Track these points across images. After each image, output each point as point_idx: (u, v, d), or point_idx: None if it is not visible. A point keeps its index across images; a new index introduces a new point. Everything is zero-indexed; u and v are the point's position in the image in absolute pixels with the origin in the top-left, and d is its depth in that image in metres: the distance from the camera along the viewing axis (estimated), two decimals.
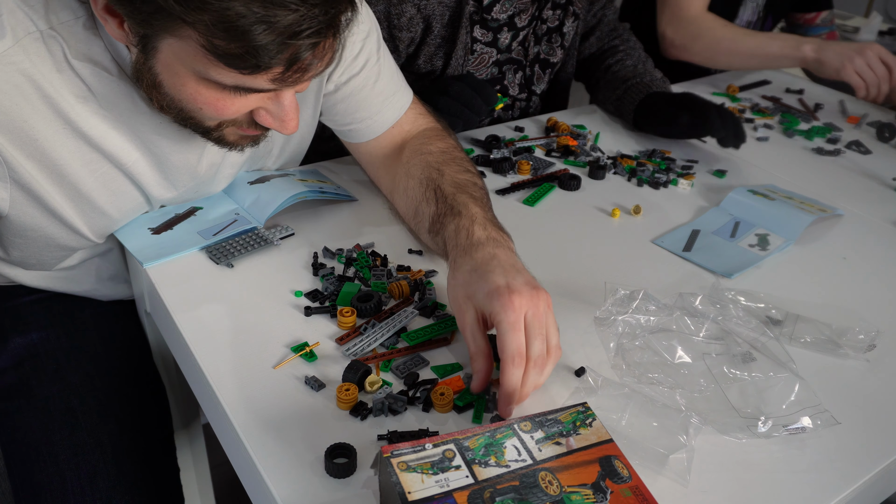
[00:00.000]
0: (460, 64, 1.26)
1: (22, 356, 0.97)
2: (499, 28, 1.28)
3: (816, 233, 1.08)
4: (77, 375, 0.96)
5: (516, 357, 0.70)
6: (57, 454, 0.89)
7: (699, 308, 0.85)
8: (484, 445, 0.61)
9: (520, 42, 1.32)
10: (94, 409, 0.93)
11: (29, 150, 0.79)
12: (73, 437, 0.91)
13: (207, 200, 1.03)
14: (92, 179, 0.85)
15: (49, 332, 1.00)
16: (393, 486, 0.57)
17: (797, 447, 0.73)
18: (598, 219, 1.09)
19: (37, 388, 0.94)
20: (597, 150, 1.28)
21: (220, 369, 0.77)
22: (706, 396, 0.76)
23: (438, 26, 1.21)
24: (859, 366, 0.84)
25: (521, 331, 0.71)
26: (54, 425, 0.91)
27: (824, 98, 1.63)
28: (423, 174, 0.95)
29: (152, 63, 0.73)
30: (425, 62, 1.25)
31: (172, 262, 0.92)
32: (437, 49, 1.24)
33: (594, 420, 0.65)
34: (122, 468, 0.90)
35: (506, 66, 1.34)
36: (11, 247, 0.92)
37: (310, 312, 0.85)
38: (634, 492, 0.59)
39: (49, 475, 0.88)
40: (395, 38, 1.21)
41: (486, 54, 1.29)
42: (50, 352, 0.98)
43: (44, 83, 0.77)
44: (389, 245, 0.98)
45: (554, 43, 1.38)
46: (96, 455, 0.90)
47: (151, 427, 0.99)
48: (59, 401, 0.93)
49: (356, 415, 0.72)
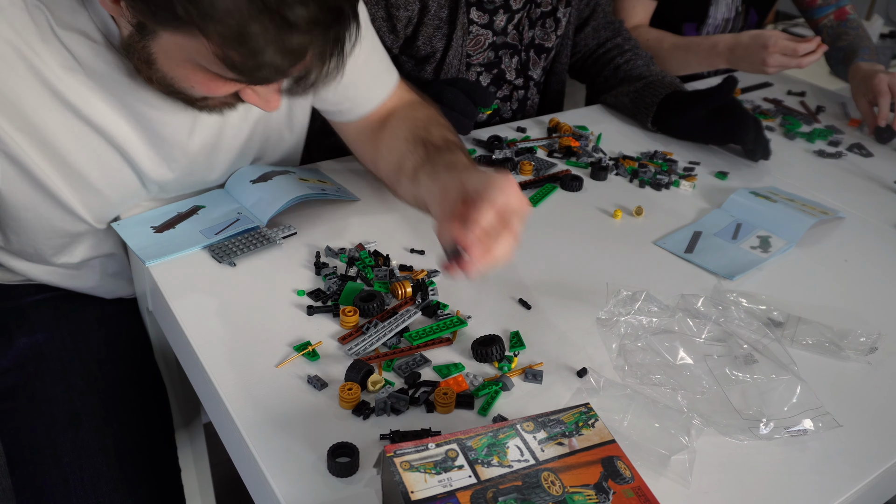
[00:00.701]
0: (460, 45, 1.26)
1: (26, 357, 0.97)
2: (495, 10, 1.28)
3: (818, 235, 1.08)
4: (81, 377, 0.96)
5: (494, 206, 0.71)
6: (60, 456, 0.89)
7: (701, 309, 0.85)
8: (487, 445, 0.61)
9: (514, 25, 1.32)
10: (98, 411, 0.93)
11: (18, 122, 0.79)
12: (76, 440, 0.90)
13: (210, 199, 1.03)
14: (83, 154, 0.85)
15: (54, 332, 0.99)
16: (396, 485, 0.57)
17: (799, 449, 0.73)
18: (600, 220, 1.09)
19: (40, 389, 0.94)
20: (599, 152, 1.28)
21: (223, 368, 0.77)
22: (708, 398, 0.76)
23: (435, 6, 1.22)
24: (861, 368, 0.84)
25: (512, 195, 0.72)
26: (58, 427, 0.91)
27: (826, 100, 1.63)
28: (409, 134, 0.96)
29: (148, 43, 0.73)
30: (424, 43, 1.25)
31: (175, 261, 0.92)
32: (436, 30, 1.24)
33: (596, 421, 0.65)
34: (125, 470, 0.90)
35: (502, 50, 1.34)
36: (10, 232, 0.91)
37: (312, 312, 0.85)
38: (637, 492, 0.59)
39: (52, 477, 0.88)
40: (393, 17, 1.21)
41: (481, 36, 1.29)
42: (54, 352, 0.97)
43: (29, 53, 0.76)
44: (392, 245, 0.98)
45: (548, 28, 1.38)
46: (100, 458, 0.90)
47: (154, 428, 0.99)
48: (63, 403, 0.93)
49: (358, 414, 0.72)
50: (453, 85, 1.15)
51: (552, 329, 0.86)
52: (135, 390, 0.99)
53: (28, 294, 1.03)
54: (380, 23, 1.21)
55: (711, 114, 1.27)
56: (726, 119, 1.25)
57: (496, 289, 0.92)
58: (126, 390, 0.98)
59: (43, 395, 0.94)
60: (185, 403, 1.14)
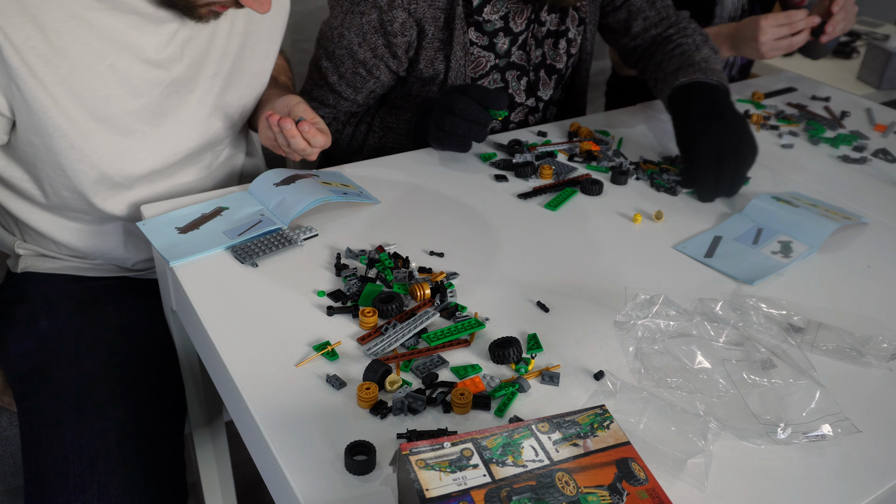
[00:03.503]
0: (461, 66, 1.26)
1: (46, 339, 1.02)
2: (494, 32, 1.28)
3: (841, 241, 1.07)
4: (93, 362, 0.99)
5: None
6: (63, 437, 0.93)
7: (720, 314, 0.85)
8: (501, 445, 0.61)
9: (519, 46, 1.32)
10: (105, 396, 0.96)
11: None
12: (80, 422, 0.94)
13: (233, 200, 1.04)
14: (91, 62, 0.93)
15: (74, 320, 1.04)
16: (411, 483, 0.58)
17: (817, 455, 0.72)
18: (620, 224, 1.09)
19: (55, 371, 0.98)
20: (619, 156, 1.29)
21: (244, 366, 0.78)
22: (725, 402, 0.76)
23: (433, 29, 1.22)
24: (882, 375, 0.83)
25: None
26: (65, 408, 0.94)
27: (851, 106, 1.61)
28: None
29: None
30: (426, 66, 1.26)
31: (198, 261, 0.94)
32: (437, 53, 1.25)
33: (612, 422, 0.65)
34: (123, 456, 0.93)
35: (508, 72, 1.34)
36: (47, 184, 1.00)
37: (332, 312, 0.86)
38: (651, 494, 0.59)
39: (55, 456, 0.91)
40: (392, 45, 1.22)
41: (482, 58, 1.29)
42: (72, 338, 1.02)
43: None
44: (411, 247, 0.99)
45: (560, 49, 1.38)
46: (99, 440, 0.93)
47: (160, 420, 1.01)
48: (73, 385, 0.97)
49: (376, 413, 0.73)
50: (464, 93, 1.15)
51: (570, 332, 0.86)
52: (146, 382, 1.02)
53: (57, 285, 1.08)
54: (381, 51, 1.22)
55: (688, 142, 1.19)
56: (689, 157, 1.18)
57: (514, 291, 0.92)
58: (137, 381, 1.01)
59: (56, 377, 0.98)
60: (207, 403, 1.16)
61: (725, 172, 1.13)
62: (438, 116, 1.16)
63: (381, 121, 1.33)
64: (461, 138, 1.17)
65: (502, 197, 1.14)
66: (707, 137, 1.15)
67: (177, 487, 0.99)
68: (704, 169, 1.14)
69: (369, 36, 1.21)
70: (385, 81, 1.29)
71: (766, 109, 1.55)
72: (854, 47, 2.33)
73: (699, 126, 1.17)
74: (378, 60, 1.24)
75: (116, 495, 0.90)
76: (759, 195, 1.14)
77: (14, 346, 1.04)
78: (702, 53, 1.30)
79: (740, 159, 1.13)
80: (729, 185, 1.14)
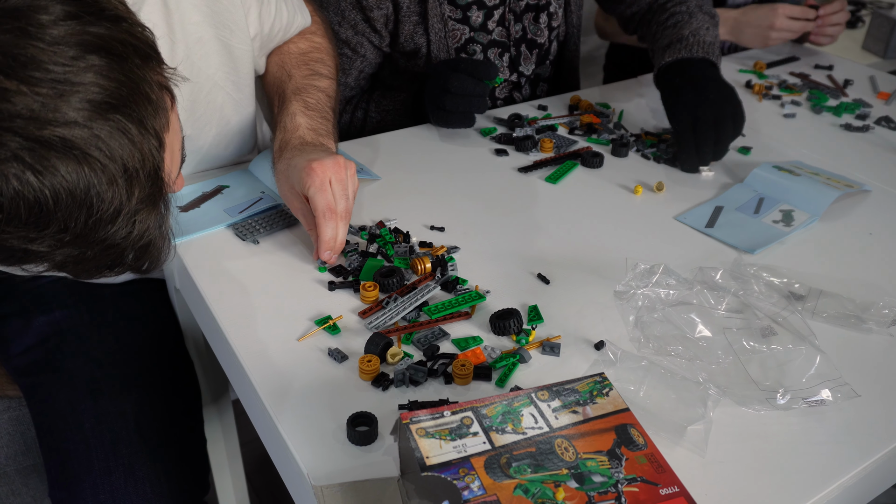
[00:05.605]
0: (441, 38, 1.27)
1: (47, 333, 1.01)
2: (468, 6, 1.28)
3: (843, 209, 1.07)
4: (99, 349, 1.00)
5: (326, 212, 0.86)
6: (82, 422, 0.93)
7: (720, 283, 0.85)
8: (501, 413, 0.62)
9: (497, 21, 1.31)
10: (118, 379, 0.97)
11: None
12: (96, 407, 0.94)
13: (234, 179, 1.05)
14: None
15: (71, 309, 1.03)
16: (412, 451, 0.58)
17: (816, 419, 0.73)
18: (621, 196, 1.09)
19: (62, 361, 0.98)
20: (620, 128, 1.28)
21: (247, 342, 0.79)
22: (725, 369, 0.76)
23: (407, 1, 1.24)
24: (882, 340, 0.83)
25: (327, 191, 0.86)
26: (79, 396, 0.95)
27: (854, 74, 1.60)
28: (274, 75, 1.08)
29: None
30: (406, 40, 1.28)
31: (200, 239, 0.94)
32: (416, 27, 1.27)
33: (611, 389, 0.66)
34: (144, 435, 0.94)
35: (490, 49, 1.33)
36: None
37: (333, 287, 0.87)
38: (649, 458, 0.59)
39: (75, 443, 0.92)
40: (371, 20, 1.24)
41: (457, 31, 1.29)
42: (72, 328, 1.01)
43: None
44: (412, 222, 1.00)
45: (541, 23, 1.37)
46: (119, 423, 0.93)
47: (176, 398, 1.02)
48: (83, 373, 0.97)
49: (378, 385, 0.74)
50: (455, 69, 1.15)
51: (571, 303, 0.86)
52: (156, 362, 1.03)
53: (43, 276, 1.06)
54: (362, 26, 1.25)
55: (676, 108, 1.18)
56: (677, 129, 1.17)
57: (515, 264, 0.92)
58: (146, 362, 1.01)
59: (64, 366, 0.98)
60: (213, 382, 1.17)
61: (705, 142, 1.12)
62: (436, 97, 1.16)
63: (376, 105, 1.33)
64: (464, 115, 1.17)
65: (503, 171, 1.13)
66: (686, 109, 1.15)
67: (199, 463, 1.00)
68: (685, 141, 1.14)
69: (347, 13, 1.24)
70: (371, 59, 1.30)
71: (768, 79, 1.53)
72: (859, 16, 2.31)
73: (679, 101, 1.18)
74: (361, 37, 1.26)
75: (142, 475, 0.91)
76: (761, 164, 1.14)
77: (14, 344, 1.03)
78: (692, 25, 1.28)
79: (720, 128, 1.12)
80: (711, 155, 1.14)
